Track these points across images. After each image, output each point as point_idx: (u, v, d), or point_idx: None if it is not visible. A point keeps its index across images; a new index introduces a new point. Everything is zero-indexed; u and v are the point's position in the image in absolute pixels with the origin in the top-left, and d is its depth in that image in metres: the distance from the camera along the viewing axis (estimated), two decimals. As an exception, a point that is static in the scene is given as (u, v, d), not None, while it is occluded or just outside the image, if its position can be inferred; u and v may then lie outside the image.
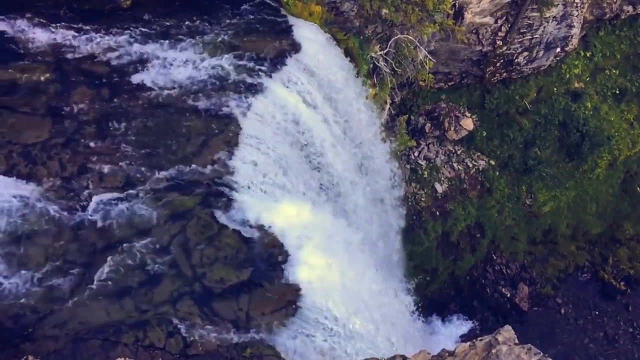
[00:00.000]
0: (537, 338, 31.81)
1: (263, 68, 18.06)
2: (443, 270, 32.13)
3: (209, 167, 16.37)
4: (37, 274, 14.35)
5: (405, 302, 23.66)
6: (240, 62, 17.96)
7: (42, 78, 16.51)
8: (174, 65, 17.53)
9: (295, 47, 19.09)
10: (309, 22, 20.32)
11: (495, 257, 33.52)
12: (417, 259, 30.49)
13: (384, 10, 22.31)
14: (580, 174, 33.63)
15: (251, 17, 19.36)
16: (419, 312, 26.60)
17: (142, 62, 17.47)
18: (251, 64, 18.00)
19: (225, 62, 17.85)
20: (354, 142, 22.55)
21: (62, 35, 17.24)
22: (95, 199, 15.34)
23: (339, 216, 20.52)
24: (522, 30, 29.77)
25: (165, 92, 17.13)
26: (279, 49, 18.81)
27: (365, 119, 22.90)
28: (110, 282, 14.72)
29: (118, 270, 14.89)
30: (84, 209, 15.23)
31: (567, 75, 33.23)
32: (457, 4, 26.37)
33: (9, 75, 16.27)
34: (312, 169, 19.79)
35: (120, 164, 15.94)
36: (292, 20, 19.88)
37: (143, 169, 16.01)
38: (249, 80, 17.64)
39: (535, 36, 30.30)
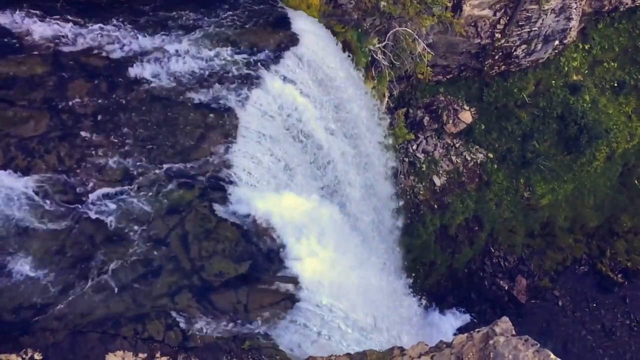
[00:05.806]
0: (534, 330, 31.90)
1: (261, 60, 18.01)
2: (441, 263, 32.21)
3: (208, 160, 16.35)
4: (36, 267, 14.35)
5: (403, 294, 23.73)
6: (238, 55, 17.91)
7: (40, 71, 16.44)
8: (171, 58, 17.48)
9: (293, 40, 19.04)
10: (307, 14, 20.26)
11: (493, 250, 33.59)
12: (415, 252, 30.56)
13: (383, 3, 22.26)
14: (578, 166, 33.64)
15: (249, 9, 19.28)
16: (418, 304, 26.68)
17: (139, 55, 17.39)
18: (249, 57, 17.96)
19: (223, 54, 17.79)
20: (352, 133, 22.52)
21: (59, 28, 17.13)
22: (93, 192, 15.33)
23: (338, 209, 20.53)
24: (520, 23, 29.70)
25: (163, 85, 17.08)
26: (277, 41, 18.75)
27: (363, 111, 22.87)
28: (108, 276, 14.74)
29: (116, 263, 14.91)
30: (82, 202, 15.22)
31: (566, 68, 33.18)
32: (455, -3, 26.31)
33: (6, 69, 16.20)
34: (310, 161, 19.78)
35: (119, 157, 15.91)
36: (290, 12, 19.82)
37: (141, 162, 15.98)
38: (247, 72, 17.60)
39: (533, 29, 30.24)
